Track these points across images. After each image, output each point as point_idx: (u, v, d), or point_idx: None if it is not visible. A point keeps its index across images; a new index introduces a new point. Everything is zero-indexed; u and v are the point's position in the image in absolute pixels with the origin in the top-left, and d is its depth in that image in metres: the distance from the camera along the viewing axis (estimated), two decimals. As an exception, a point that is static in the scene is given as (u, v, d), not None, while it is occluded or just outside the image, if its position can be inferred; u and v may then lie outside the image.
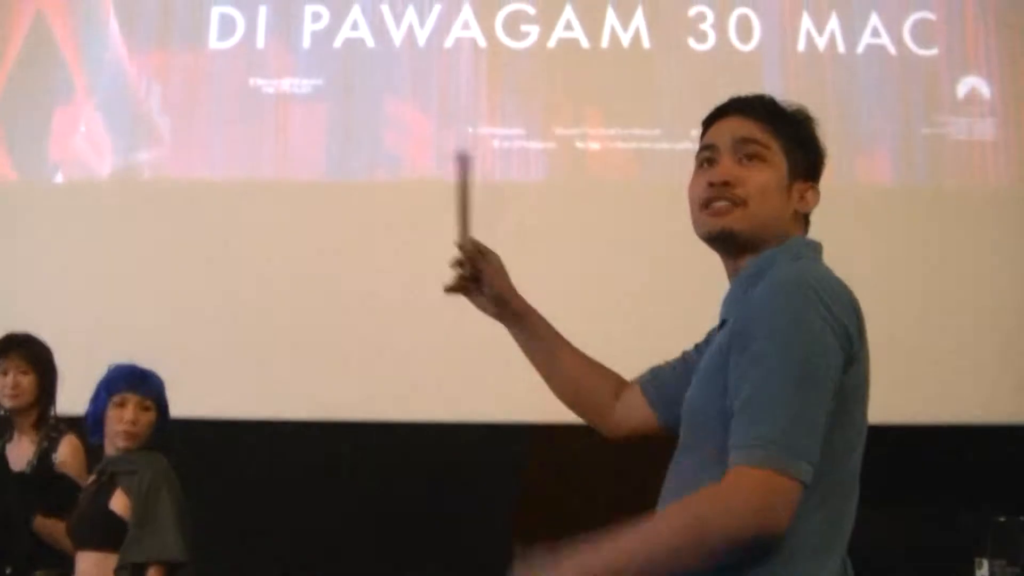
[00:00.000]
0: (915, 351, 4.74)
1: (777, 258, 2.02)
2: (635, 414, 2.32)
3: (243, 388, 4.95)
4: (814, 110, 2.19)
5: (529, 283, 4.92)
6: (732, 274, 2.10)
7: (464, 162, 2.38)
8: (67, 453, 4.07)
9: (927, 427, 4.67)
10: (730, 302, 2.06)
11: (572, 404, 2.43)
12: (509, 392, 4.84)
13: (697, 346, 2.25)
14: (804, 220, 2.12)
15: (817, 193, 2.12)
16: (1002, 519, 3.79)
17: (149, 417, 3.85)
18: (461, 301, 2.74)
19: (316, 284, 5.02)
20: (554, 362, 2.42)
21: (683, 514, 1.85)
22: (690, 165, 2.15)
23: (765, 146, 2.08)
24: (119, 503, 3.74)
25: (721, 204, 2.07)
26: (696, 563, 1.80)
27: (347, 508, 4.83)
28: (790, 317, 1.87)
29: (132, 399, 3.83)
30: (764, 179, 2.06)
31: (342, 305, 5.00)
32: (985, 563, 3.77)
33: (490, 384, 4.84)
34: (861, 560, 1.96)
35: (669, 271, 4.79)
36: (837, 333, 1.87)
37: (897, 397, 4.15)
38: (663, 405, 2.26)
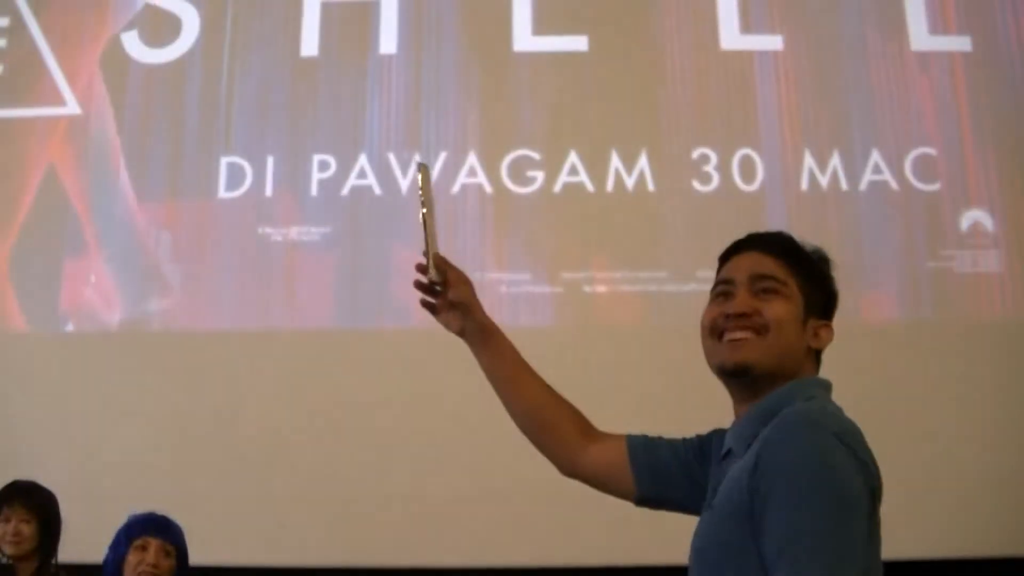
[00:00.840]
0: (923, 488, 4.70)
1: (794, 395, 2.01)
2: (608, 467, 2.31)
3: (251, 536, 4.91)
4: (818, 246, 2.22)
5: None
6: (741, 405, 2.09)
7: (425, 172, 2.40)
8: None
9: (932, 562, 4.62)
10: (740, 436, 2.03)
11: (531, 431, 2.41)
12: (523, 537, 4.81)
13: (687, 446, 2.27)
14: (816, 358, 2.12)
15: (831, 331, 2.12)
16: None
17: (171, 563, 3.81)
18: (471, 454, 2.80)
19: (324, 432, 5.01)
20: (517, 386, 2.42)
21: None
22: (697, 307, 2.16)
23: (783, 282, 2.09)
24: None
25: (739, 335, 2.06)
26: None
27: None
28: (819, 459, 1.85)
29: (154, 543, 3.80)
30: (782, 311, 2.06)
31: (351, 453, 4.98)
32: None
33: (504, 529, 4.81)
34: None
35: (676, 415, 4.76)
36: (863, 473, 1.86)
37: (904, 532, 4.12)
38: (650, 476, 2.25)
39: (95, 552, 4.07)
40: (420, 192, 2.33)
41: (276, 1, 5.70)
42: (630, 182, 5.32)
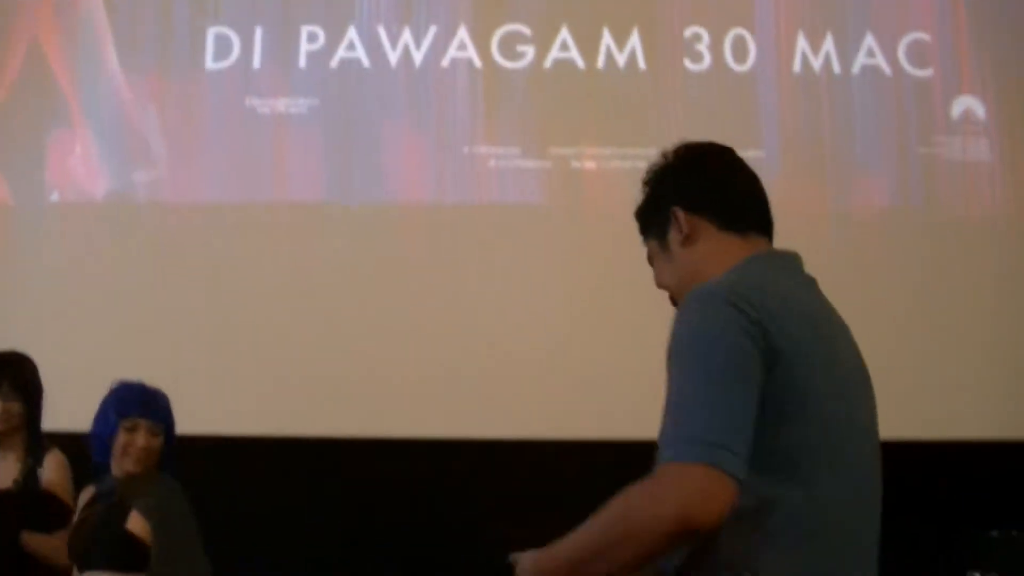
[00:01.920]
0: (908, 370, 4.73)
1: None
2: None
3: (238, 406, 4.93)
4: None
5: (522, 304, 4.95)
6: None
7: None
8: (52, 469, 4.05)
9: (922, 443, 4.65)
10: None
11: None
12: (507, 409, 4.84)
13: None
14: (714, 229, 2.15)
15: (680, 207, 2.16)
16: (995, 533, 3.76)
17: (159, 442, 3.83)
18: (458, 327, 2.76)
19: (310, 304, 5.02)
20: None
21: (612, 509, 1.86)
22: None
23: (649, 256, 2.25)
24: (137, 525, 3.70)
25: (654, 270, 2.26)
26: (629, 558, 1.82)
27: (344, 523, 4.81)
28: (696, 324, 1.91)
29: (143, 424, 3.81)
30: (656, 276, 2.24)
31: (337, 325, 4.99)
32: (978, 578, 3.76)
33: (487, 401, 4.84)
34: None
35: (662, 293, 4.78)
36: (750, 333, 1.88)
37: (891, 415, 4.14)
38: None
39: (81, 422, 4.11)
40: None
41: None
42: (621, 60, 5.28)
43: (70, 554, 3.78)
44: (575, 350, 4.87)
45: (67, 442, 4.09)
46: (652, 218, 2.20)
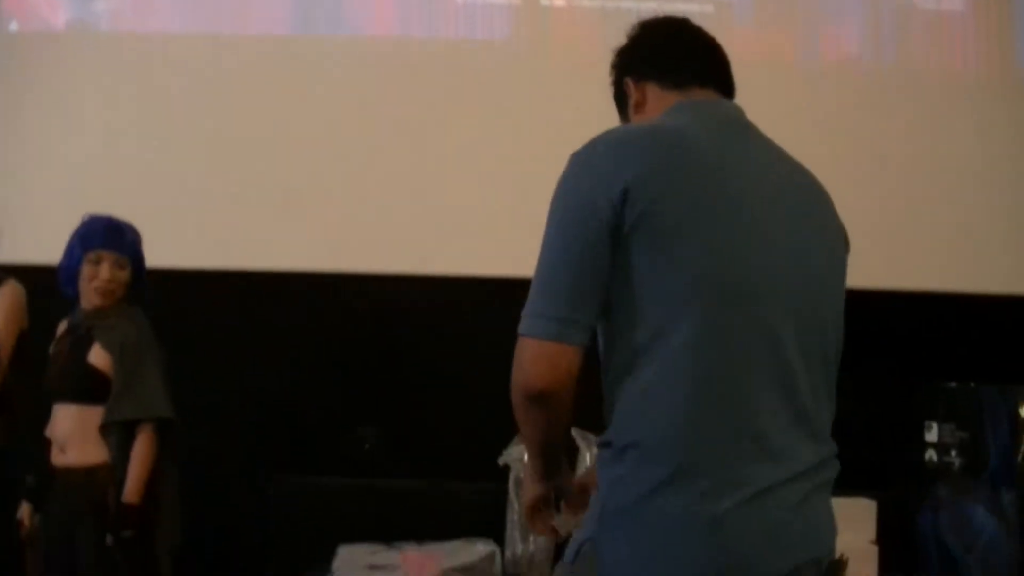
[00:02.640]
0: (872, 221, 4.75)
1: None
2: None
3: (205, 239, 4.89)
4: None
5: (488, 142, 4.91)
6: None
7: None
8: (3, 295, 3.99)
9: (881, 293, 4.71)
10: None
11: None
12: (468, 248, 4.84)
13: None
14: (657, 91, 2.21)
15: (629, 79, 2.25)
16: (952, 385, 3.84)
17: (125, 275, 3.83)
18: (418, 158, 2.68)
19: (271, 137, 4.94)
20: None
21: None
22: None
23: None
24: (99, 358, 3.74)
25: None
26: (530, 433, 2.02)
27: (322, 359, 4.84)
28: (558, 188, 2.00)
29: (108, 257, 3.82)
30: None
31: (303, 159, 4.94)
32: (935, 427, 3.84)
33: (463, 238, 4.83)
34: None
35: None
36: (604, 183, 1.93)
37: (852, 265, 4.19)
38: None
39: (45, 254, 4.09)
40: None
41: None
42: None
43: (45, 387, 3.81)
44: (536, 190, 4.86)
45: (34, 275, 4.06)
46: (619, 99, 2.30)
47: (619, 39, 2.29)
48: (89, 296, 3.83)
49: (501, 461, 3.51)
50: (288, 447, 4.70)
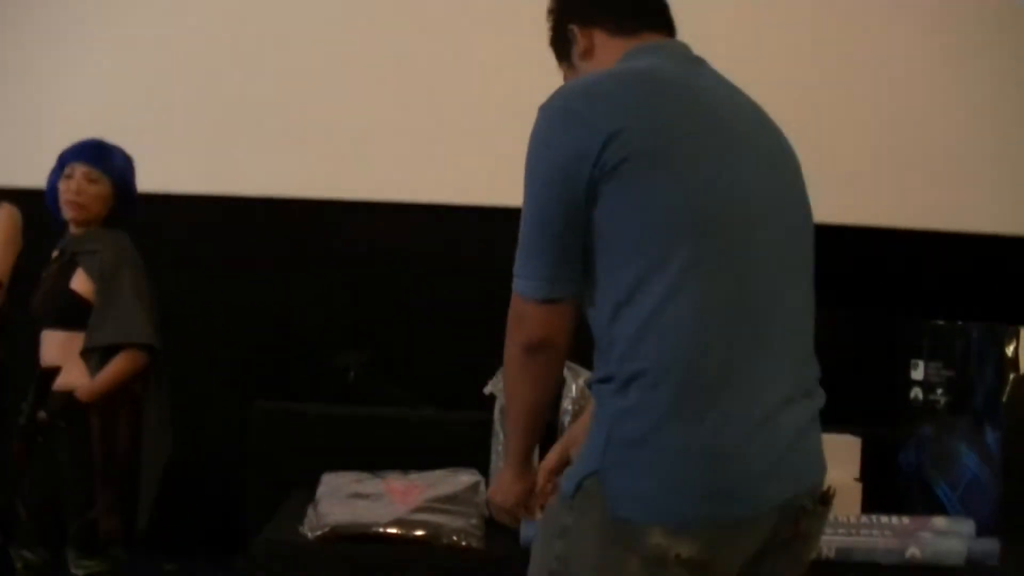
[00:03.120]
0: (863, 158, 4.74)
1: None
2: None
3: (194, 164, 4.84)
4: None
5: (476, 71, 4.84)
6: None
7: None
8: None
9: (871, 230, 4.70)
10: None
11: None
12: (471, 175, 4.80)
13: None
14: (605, 37, 2.22)
15: (574, 24, 2.25)
16: (939, 323, 3.83)
17: (97, 189, 3.79)
18: (411, 83, 2.62)
19: (265, 63, 4.89)
20: None
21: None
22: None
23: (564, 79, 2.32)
24: (81, 283, 3.72)
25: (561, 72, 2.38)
26: (523, 390, 2.10)
27: (309, 286, 4.82)
28: (532, 141, 2.03)
29: (80, 169, 3.78)
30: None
31: (289, 85, 4.88)
32: (921, 365, 3.83)
33: (449, 166, 4.80)
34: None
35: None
36: (589, 138, 1.93)
37: (837, 200, 4.18)
38: None
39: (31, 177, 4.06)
40: None
41: None
42: None
43: (32, 312, 3.80)
44: (523, 118, 4.81)
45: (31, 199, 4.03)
46: (558, 44, 2.31)
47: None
48: (64, 213, 3.81)
49: (487, 390, 3.50)
50: (272, 373, 4.69)
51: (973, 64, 4.87)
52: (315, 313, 4.77)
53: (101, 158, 3.82)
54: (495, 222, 4.71)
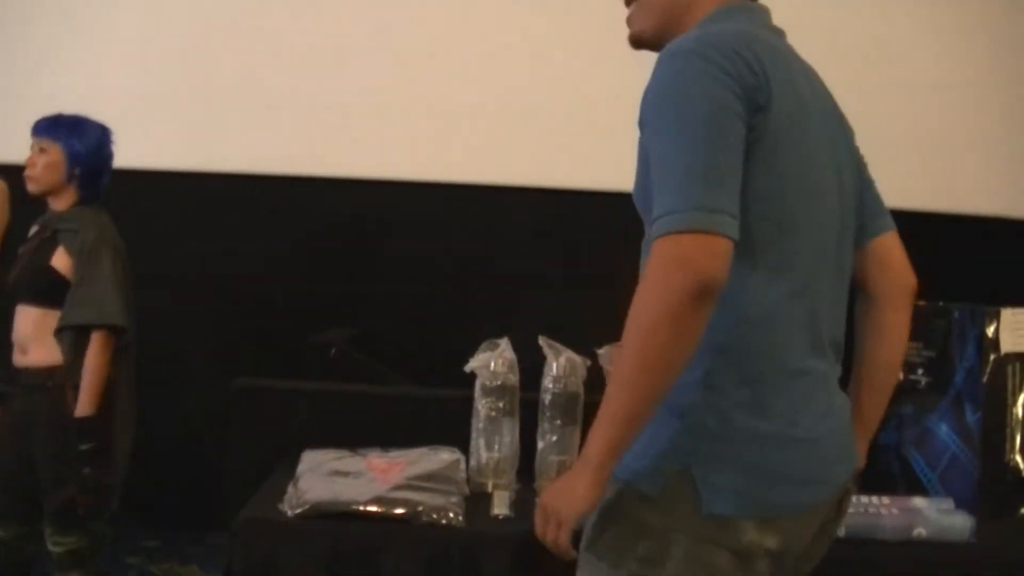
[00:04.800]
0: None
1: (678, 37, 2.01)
2: None
3: (174, 141, 4.84)
4: None
5: (458, 50, 4.82)
6: None
7: None
8: None
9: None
10: None
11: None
12: (455, 153, 4.80)
13: None
14: None
15: None
16: (921, 303, 3.83)
17: (46, 159, 3.78)
18: (393, 60, 2.59)
19: (249, 42, 4.89)
20: None
21: (627, 327, 1.82)
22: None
23: None
24: (60, 261, 3.72)
25: (628, 11, 2.15)
26: (672, 355, 1.77)
27: (290, 263, 4.81)
28: (671, 82, 1.87)
29: (34, 144, 3.78)
30: (635, 13, 2.12)
31: (271, 63, 4.88)
32: (902, 346, 3.83)
33: (434, 144, 4.79)
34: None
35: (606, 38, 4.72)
36: (730, 85, 1.85)
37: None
38: None
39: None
40: None
41: None
42: None
43: (9, 287, 3.79)
44: (509, 97, 4.82)
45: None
46: None
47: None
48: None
49: (467, 368, 3.49)
50: (253, 349, 4.68)
51: (953, 45, 4.88)
52: (296, 290, 4.76)
53: (49, 129, 3.81)
54: (479, 199, 4.74)
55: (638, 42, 2.14)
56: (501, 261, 4.64)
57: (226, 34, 4.86)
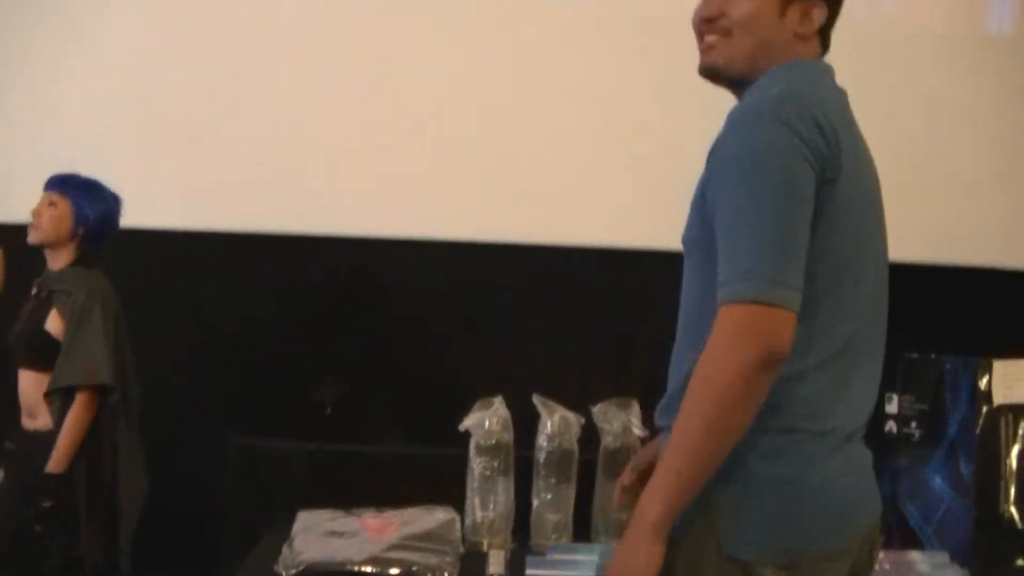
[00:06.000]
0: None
1: (762, 87, 2.03)
2: None
3: (169, 199, 4.84)
4: None
5: (451, 105, 4.84)
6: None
7: None
8: None
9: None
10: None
11: None
12: (449, 210, 4.81)
13: None
14: (819, 40, 2.13)
15: (823, 8, 2.10)
16: (913, 356, 3.85)
17: (53, 212, 3.80)
18: (388, 117, 2.59)
19: (243, 99, 4.90)
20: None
21: (691, 392, 1.85)
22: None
23: None
24: (54, 323, 3.73)
25: (709, 39, 2.10)
26: (736, 421, 1.83)
27: (285, 322, 4.81)
28: (749, 147, 1.88)
29: (44, 197, 3.81)
30: (747, 8, 2.07)
31: (270, 116, 4.89)
32: (895, 398, 3.85)
33: (426, 201, 4.80)
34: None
35: (599, 92, 4.77)
36: (807, 155, 1.87)
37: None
38: None
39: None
40: None
41: None
42: None
43: (8, 351, 3.80)
44: (500, 154, 4.84)
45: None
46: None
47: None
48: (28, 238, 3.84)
49: (462, 427, 3.50)
50: (248, 409, 4.68)
51: (937, 95, 4.90)
52: (292, 347, 4.76)
53: (62, 184, 3.86)
54: (472, 256, 4.76)
55: (713, 75, 2.14)
56: (495, 318, 4.64)
57: (221, 94, 4.88)
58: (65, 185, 3.84)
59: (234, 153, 4.81)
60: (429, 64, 4.80)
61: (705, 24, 2.10)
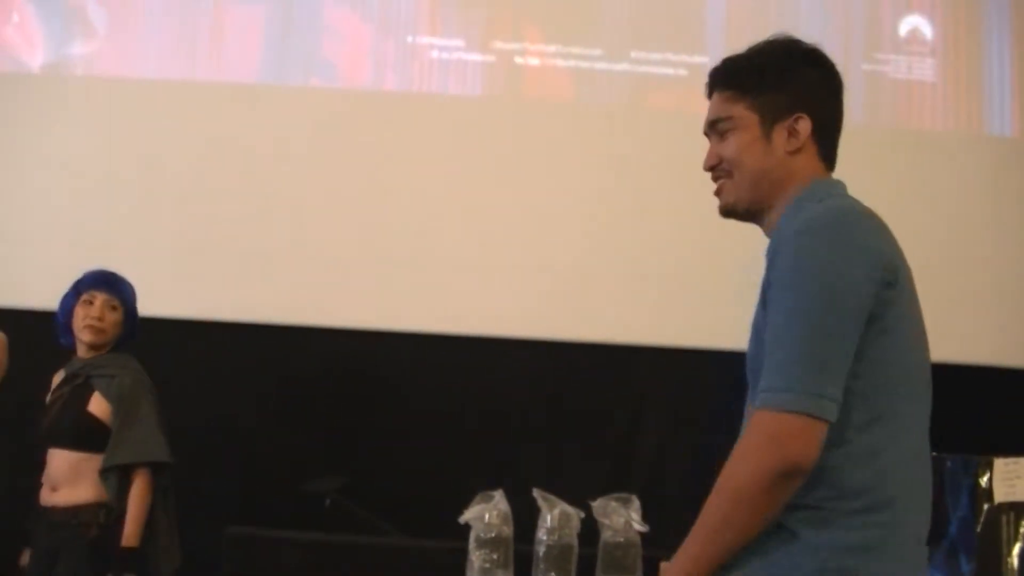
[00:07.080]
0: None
1: (803, 205, 2.09)
2: None
3: (174, 287, 4.88)
4: (755, 38, 2.21)
5: (459, 199, 4.91)
6: (768, 231, 2.18)
7: None
8: None
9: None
10: (768, 254, 2.10)
11: None
12: (451, 303, 4.84)
13: None
14: (815, 149, 2.18)
15: (807, 120, 2.15)
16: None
17: (116, 317, 3.98)
18: (393, 210, 2.62)
19: (244, 185, 4.96)
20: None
21: (718, 485, 1.94)
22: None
23: (728, 117, 2.17)
24: (98, 406, 3.87)
25: (718, 184, 2.21)
26: (750, 519, 1.91)
27: (283, 413, 4.81)
28: (806, 259, 1.95)
29: (100, 297, 3.96)
30: (734, 147, 2.17)
31: (271, 206, 4.94)
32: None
33: (429, 294, 4.83)
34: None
35: (596, 193, 4.82)
36: (866, 263, 1.94)
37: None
38: None
39: (16, 296, 4.09)
40: None
41: None
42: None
43: (40, 433, 3.86)
44: (502, 248, 4.87)
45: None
46: (766, 97, 2.16)
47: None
48: (80, 335, 3.95)
49: (462, 520, 3.48)
50: (245, 497, 4.67)
51: (940, 196, 4.96)
52: (289, 438, 4.76)
53: (119, 288, 3.99)
54: (473, 351, 4.77)
55: (731, 213, 2.22)
56: (495, 412, 4.65)
57: (225, 185, 4.95)
58: (118, 287, 4.00)
59: (234, 245, 4.86)
60: (428, 165, 4.88)
61: (711, 172, 2.22)
